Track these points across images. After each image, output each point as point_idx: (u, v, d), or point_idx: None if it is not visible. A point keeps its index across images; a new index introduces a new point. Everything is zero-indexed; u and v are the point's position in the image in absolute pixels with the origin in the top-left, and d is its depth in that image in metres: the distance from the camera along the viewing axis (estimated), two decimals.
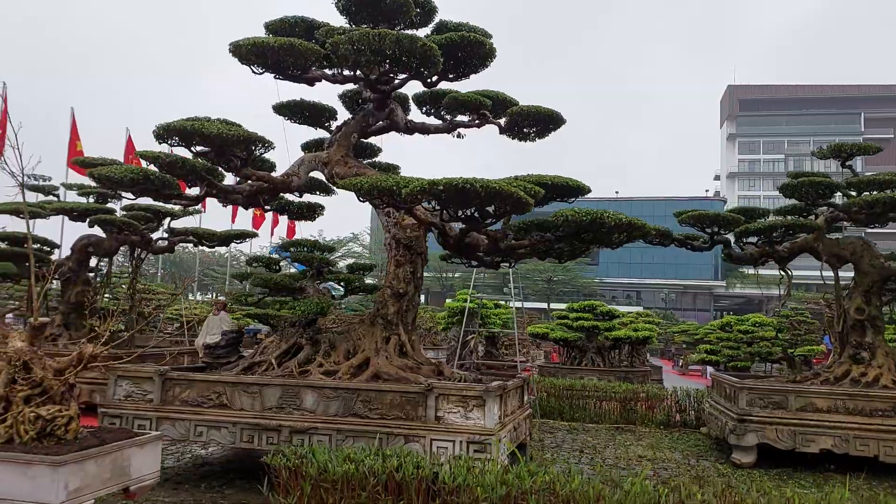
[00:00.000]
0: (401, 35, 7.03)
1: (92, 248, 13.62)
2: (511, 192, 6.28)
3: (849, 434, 9.47)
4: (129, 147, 32.41)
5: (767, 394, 9.93)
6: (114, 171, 8.36)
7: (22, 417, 4.49)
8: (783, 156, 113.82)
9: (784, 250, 11.04)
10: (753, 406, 9.91)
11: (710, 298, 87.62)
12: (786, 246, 11.10)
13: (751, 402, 9.94)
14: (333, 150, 8.91)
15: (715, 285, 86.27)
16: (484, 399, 6.82)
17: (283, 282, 8.52)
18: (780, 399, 9.88)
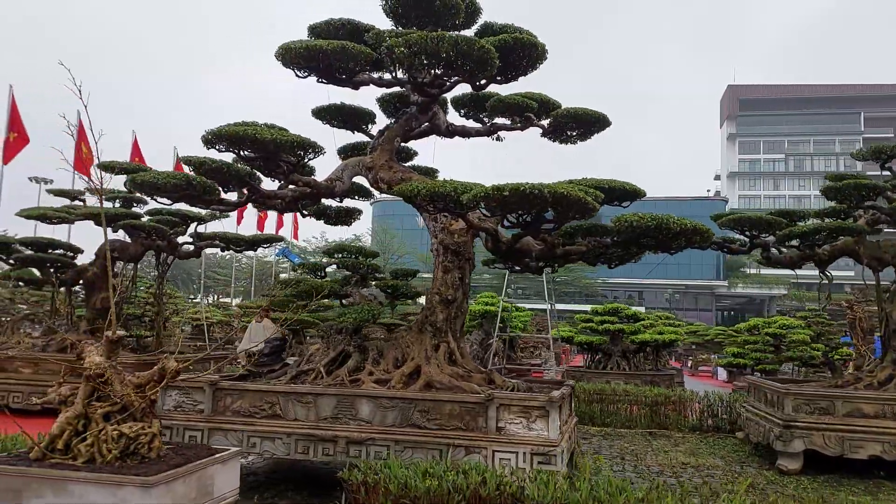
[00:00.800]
0: (459, 37, 6.89)
1: (117, 253, 13.47)
2: (579, 197, 6.14)
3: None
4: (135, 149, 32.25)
5: (813, 399, 9.81)
6: (157, 177, 8.20)
7: (104, 436, 4.34)
8: (783, 155, 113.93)
9: (824, 253, 10.92)
10: (799, 412, 9.79)
11: (712, 298, 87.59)
12: (826, 249, 10.97)
13: (797, 407, 9.81)
14: (377, 155, 8.77)
15: (717, 285, 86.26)
16: (547, 409, 6.69)
17: (333, 288, 8.37)
18: (826, 405, 9.75)
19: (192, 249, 13.47)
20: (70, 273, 13.41)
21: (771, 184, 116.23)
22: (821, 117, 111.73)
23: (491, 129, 9.52)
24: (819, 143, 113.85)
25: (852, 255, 10.90)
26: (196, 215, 13.00)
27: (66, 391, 4.60)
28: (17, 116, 31.78)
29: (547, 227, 7.18)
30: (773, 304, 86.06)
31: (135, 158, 31.37)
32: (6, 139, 31.61)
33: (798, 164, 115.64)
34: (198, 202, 8.94)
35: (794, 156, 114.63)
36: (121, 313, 13.45)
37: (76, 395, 4.58)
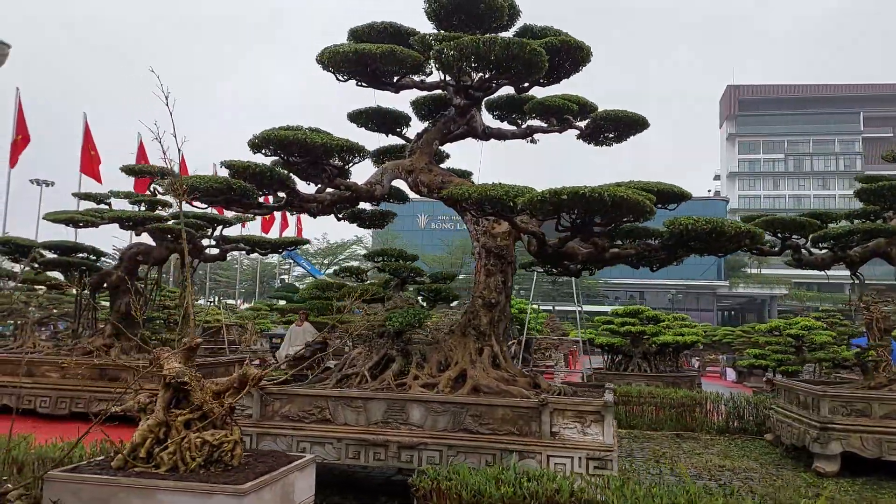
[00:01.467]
0: (511, 40, 6.87)
1: (141, 256, 13.43)
2: (637, 200, 6.13)
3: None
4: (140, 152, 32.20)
5: (850, 401, 9.80)
6: (199, 181, 8.17)
7: (188, 443, 4.31)
8: (783, 155, 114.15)
9: (856, 255, 10.92)
10: (836, 414, 9.78)
11: (713, 298, 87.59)
12: (857, 251, 10.97)
13: (833, 409, 9.80)
14: (416, 158, 8.74)
15: (718, 285, 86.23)
16: (603, 414, 6.67)
17: (377, 292, 8.34)
18: (863, 406, 9.75)
19: (217, 253, 13.43)
20: (94, 277, 13.36)
21: (771, 184, 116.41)
22: (820, 117, 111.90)
23: (527, 131, 9.50)
24: (818, 143, 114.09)
25: (884, 256, 10.91)
26: (222, 219, 12.97)
27: (145, 399, 4.57)
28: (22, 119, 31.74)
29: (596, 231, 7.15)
30: (774, 304, 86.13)
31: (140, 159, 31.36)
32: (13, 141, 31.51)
33: (797, 163, 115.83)
34: (236, 206, 8.92)
35: (794, 156, 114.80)
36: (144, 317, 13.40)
37: (154, 402, 4.55)
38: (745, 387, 26.05)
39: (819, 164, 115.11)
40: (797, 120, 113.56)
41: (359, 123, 9.62)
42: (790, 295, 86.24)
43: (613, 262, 7.73)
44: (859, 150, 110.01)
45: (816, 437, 9.77)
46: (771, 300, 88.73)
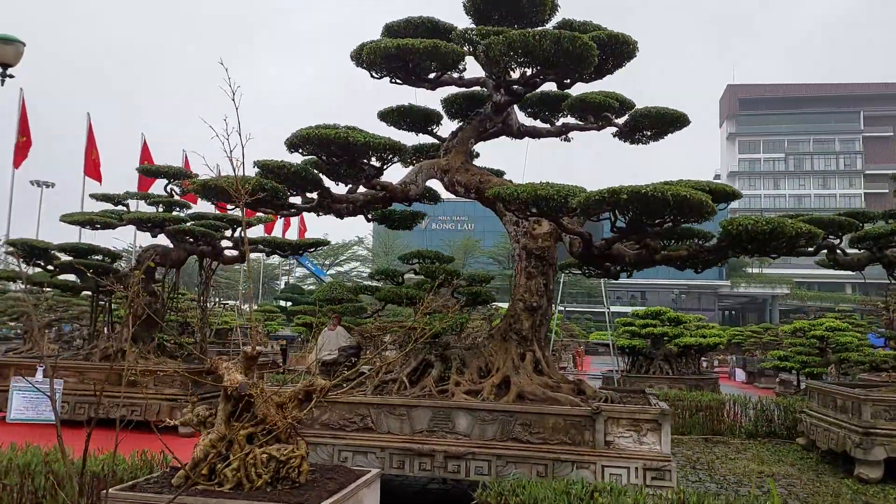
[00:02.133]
0: (562, 34, 6.62)
1: (159, 258, 13.16)
2: (702, 200, 5.89)
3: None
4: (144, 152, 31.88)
5: (893, 405, 9.57)
6: (228, 182, 7.91)
7: (253, 459, 4.05)
8: (783, 155, 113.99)
9: (893, 255, 10.68)
10: (878, 419, 9.55)
11: (714, 298, 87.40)
12: (894, 251, 10.73)
13: (875, 414, 9.57)
14: (452, 157, 8.50)
15: (720, 285, 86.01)
16: (660, 422, 6.42)
17: (415, 295, 8.08)
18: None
19: (237, 255, 13.16)
20: (110, 279, 13.07)
21: (771, 183, 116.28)
22: (820, 116, 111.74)
23: (562, 129, 9.26)
24: (819, 143, 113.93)
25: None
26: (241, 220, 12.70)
27: (204, 411, 4.31)
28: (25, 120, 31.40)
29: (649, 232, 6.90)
30: (775, 303, 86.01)
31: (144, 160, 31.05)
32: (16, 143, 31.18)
33: (798, 163, 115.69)
34: (266, 207, 8.67)
35: (794, 155, 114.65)
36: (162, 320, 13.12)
37: (214, 415, 4.29)
38: (757, 388, 25.86)
39: (819, 164, 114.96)
40: (797, 119, 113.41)
41: (388, 122, 9.37)
42: (791, 294, 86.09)
43: (662, 263, 7.49)
44: (860, 150, 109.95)
45: (859, 442, 9.53)
46: (772, 300, 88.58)
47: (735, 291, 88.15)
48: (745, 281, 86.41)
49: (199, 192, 8.62)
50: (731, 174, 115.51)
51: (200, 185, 8.32)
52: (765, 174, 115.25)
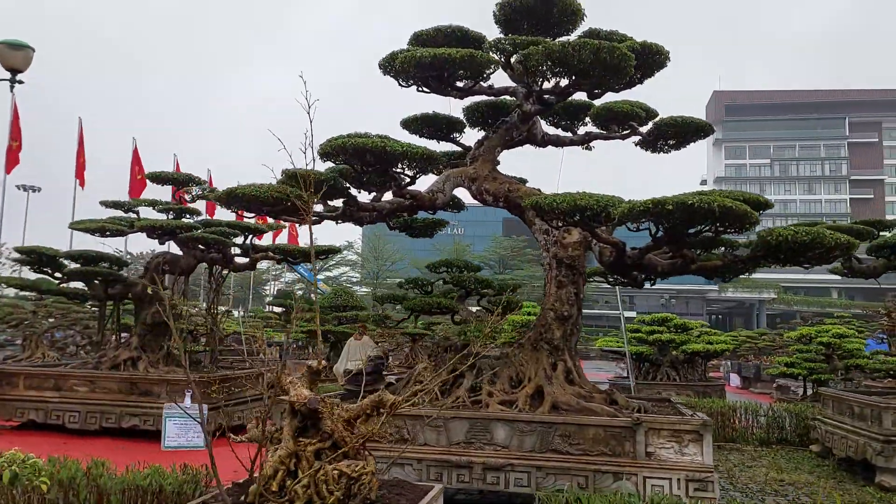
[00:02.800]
0: (601, 44, 6.61)
1: (168, 266, 13.03)
2: (746, 211, 5.90)
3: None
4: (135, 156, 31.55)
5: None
6: (258, 191, 7.85)
7: (324, 476, 3.98)
8: (769, 161, 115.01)
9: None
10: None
11: (702, 303, 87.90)
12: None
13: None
14: (479, 165, 8.47)
15: (708, 289, 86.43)
16: (701, 433, 6.41)
17: (446, 304, 8.03)
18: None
19: (247, 262, 13.05)
20: (119, 287, 12.93)
21: (757, 189, 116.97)
22: (806, 122, 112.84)
23: (585, 137, 9.26)
24: (804, 149, 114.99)
25: None
26: (253, 227, 12.61)
27: (271, 427, 4.24)
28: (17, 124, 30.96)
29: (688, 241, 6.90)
30: (763, 307, 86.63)
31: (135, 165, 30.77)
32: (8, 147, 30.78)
33: (783, 169, 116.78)
34: (291, 215, 8.60)
35: (780, 161, 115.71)
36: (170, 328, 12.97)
37: (281, 431, 4.22)
38: (752, 393, 25.99)
39: (805, 170, 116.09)
40: (783, 125, 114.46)
41: (411, 130, 9.33)
42: (778, 299, 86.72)
43: (696, 273, 7.48)
44: (845, 156, 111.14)
45: (881, 450, 9.57)
46: (760, 304, 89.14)
47: (723, 296, 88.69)
48: (733, 285, 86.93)
49: (223, 201, 8.54)
50: (717, 179, 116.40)
51: (226, 194, 8.24)
52: (751, 180, 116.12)
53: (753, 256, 7.09)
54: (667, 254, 7.71)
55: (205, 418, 3.76)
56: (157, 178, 13.06)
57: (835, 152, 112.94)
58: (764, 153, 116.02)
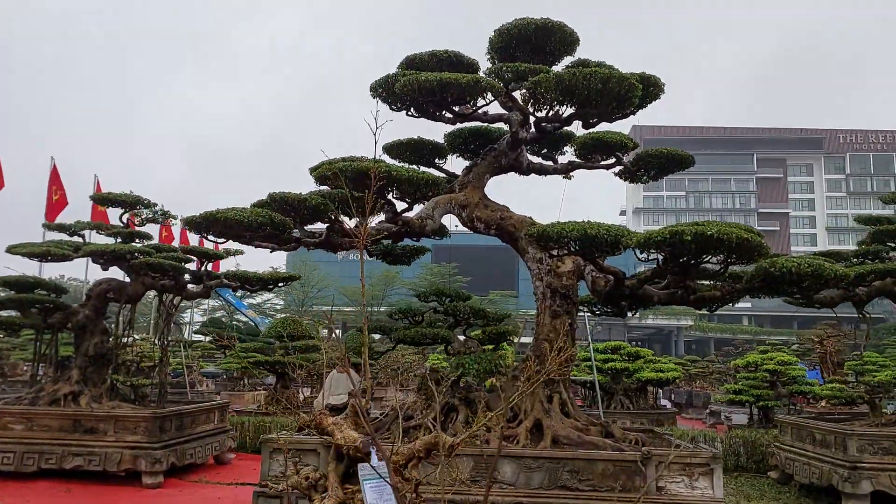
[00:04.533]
0: (612, 74, 6.59)
1: (113, 293, 12.20)
2: (761, 243, 5.93)
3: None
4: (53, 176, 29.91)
5: (877, 439, 9.92)
6: (241, 215, 7.43)
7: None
8: (684, 193, 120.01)
9: (863, 294, 11.18)
10: (864, 452, 9.87)
11: (624, 329, 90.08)
12: (863, 289, 11.24)
13: (861, 448, 9.89)
14: (469, 192, 8.30)
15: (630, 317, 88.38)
16: (711, 466, 6.34)
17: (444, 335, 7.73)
18: (889, 444, 9.88)
19: (201, 289, 12.36)
20: (58, 316, 12.01)
21: (673, 219, 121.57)
22: (718, 157, 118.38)
23: (568, 166, 9.25)
24: (716, 182, 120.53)
25: (889, 295, 11.22)
26: (212, 253, 11.99)
27: (314, 473, 3.87)
28: None
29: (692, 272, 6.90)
30: (681, 334, 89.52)
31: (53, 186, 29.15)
32: None
33: (698, 201, 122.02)
34: (270, 242, 8.19)
35: (695, 193, 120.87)
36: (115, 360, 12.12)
37: (325, 477, 3.86)
38: (684, 419, 26.59)
39: (717, 202, 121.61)
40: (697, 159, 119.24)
41: (393, 155, 9.09)
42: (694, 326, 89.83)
43: (692, 304, 7.50)
44: (753, 189, 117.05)
45: (847, 476, 9.81)
46: (678, 331, 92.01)
47: (643, 323, 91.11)
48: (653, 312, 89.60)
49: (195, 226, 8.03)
50: (636, 210, 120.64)
51: (203, 218, 7.75)
52: (667, 211, 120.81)
53: (751, 287, 7.15)
54: (660, 284, 7.70)
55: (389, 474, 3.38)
56: (104, 200, 12.28)
57: (744, 186, 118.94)
58: (679, 186, 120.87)
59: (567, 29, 7.66)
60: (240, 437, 13.95)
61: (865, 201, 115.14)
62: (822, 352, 19.63)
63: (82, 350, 11.98)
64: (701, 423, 24.69)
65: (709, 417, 25.08)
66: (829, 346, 19.41)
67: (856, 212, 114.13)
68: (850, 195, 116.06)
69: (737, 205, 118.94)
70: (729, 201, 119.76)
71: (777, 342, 26.35)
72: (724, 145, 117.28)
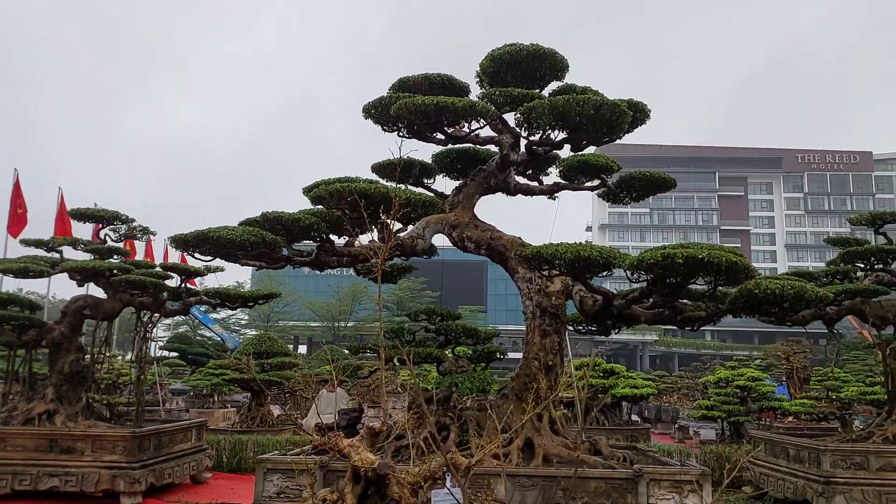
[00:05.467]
0: (604, 101, 6.78)
1: (89, 310, 12.02)
2: (748, 265, 6.14)
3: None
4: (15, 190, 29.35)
5: (849, 455, 10.22)
6: (234, 233, 7.44)
7: None
8: (649, 210, 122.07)
9: (833, 312, 11.53)
10: (837, 468, 10.15)
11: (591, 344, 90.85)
12: (834, 309, 11.60)
13: (834, 463, 10.17)
14: (459, 213, 8.41)
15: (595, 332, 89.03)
16: (701, 483, 6.50)
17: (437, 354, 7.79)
18: (860, 460, 10.17)
19: (180, 307, 12.24)
20: (33, 333, 11.79)
21: (638, 236, 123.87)
22: (681, 175, 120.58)
23: (554, 188, 9.42)
24: (679, 199, 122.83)
25: (859, 314, 11.59)
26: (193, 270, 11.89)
27: (331, 495, 3.91)
28: None
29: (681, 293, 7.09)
30: (646, 349, 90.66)
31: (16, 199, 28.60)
32: None
33: (662, 217, 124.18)
34: (263, 259, 8.20)
35: (658, 210, 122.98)
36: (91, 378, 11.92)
37: (342, 499, 3.90)
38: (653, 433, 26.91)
39: (681, 219, 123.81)
40: None
41: (381, 174, 9.18)
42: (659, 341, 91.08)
43: (677, 324, 7.69)
44: (716, 207, 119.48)
45: (821, 491, 10.07)
46: (643, 346, 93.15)
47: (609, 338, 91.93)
48: None
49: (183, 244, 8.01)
50: (601, 226, 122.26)
51: (194, 236, 7.74)
52: (632, 227, 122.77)
53: (734, 307, 7.36)
54: (646, 304, 7.88)
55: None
56: (80, 215, 12.12)
57: (707, 204, 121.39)
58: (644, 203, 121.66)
59: (558, 56, 7.87)
60: (215, 455, 13.78)
61: (823, 219, 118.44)
62: (789, 367, 20.10)
63: (57, 368, 11.77)
64: (670, 438, 25.05)
65: (677, 432, 25.45)
66: (796, 362, 19.89)
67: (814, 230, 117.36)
68: (808, 213, 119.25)
69: (699, 222, 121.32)
70: (692, 218, 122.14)
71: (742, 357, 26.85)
72: (687, 163, 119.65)
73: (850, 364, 28.42)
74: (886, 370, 11.69)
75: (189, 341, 37.28)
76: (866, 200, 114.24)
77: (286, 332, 68.62)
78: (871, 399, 15.16)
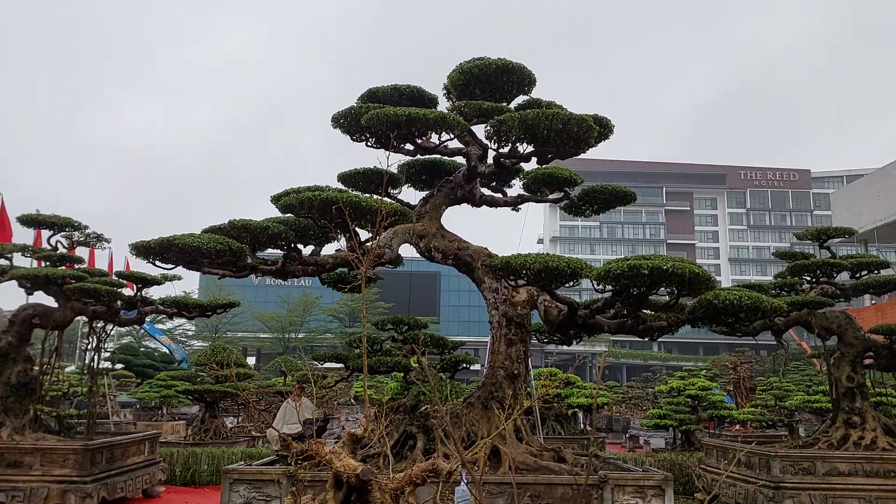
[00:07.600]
0: (572, 116, 6.95)
1: (38, 319, 11.67)
2: (708, 276, 6.37)
3: (871, 495, 10.31)
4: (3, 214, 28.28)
5: (797, 460, 10.59)
6: (200, 241, 7.36)
7: None
8: (598, 223, 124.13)
9: (781, 323, 11.97)
10: (786, 473, 10.51)
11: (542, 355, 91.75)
12: (782, 319, 12.04)
13: (783, 469, 10.53)
14: (427, 223, 8.49)
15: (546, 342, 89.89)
16: (663, 488, 6.68)
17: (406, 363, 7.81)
18: (808, 465, 10.56)
19: (135, 316, 11.97)
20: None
21: (588, 248, 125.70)
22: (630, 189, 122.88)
23: (518, 199, 9.58)
24: (628, 213, 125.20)
25: (805, 325, 12.05)
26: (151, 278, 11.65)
27: (312, 502, 3.92)
28: None
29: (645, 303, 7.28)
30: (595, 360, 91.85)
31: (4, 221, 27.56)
32: None
33: (611, 231, 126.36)
34: (227, 268, 8.12)
35: (608, 223, 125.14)
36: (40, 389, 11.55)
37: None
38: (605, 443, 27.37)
39: (629, 232, 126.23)
40: None
41: (347, 184, 9.17)
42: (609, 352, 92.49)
43: (639, 333, 7.88)
44: (663, 221, 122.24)
45: (771, 496, 10.41)
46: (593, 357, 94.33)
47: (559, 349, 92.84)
48: None
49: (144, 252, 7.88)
50: (553, 239, 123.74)
51: (158, 244, 7.62)
52: (582, 240, 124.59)
53: (693, 317, 7.60)
54: (609, 314, 8.07)
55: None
56: (29, 220, 11.79)
57: (654, 218, 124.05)
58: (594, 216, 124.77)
59: (526, 70, 8.05)
60: (168, 468, 13.48)
61: (764, 234, 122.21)
62: (736, 377, 20.70)
63: (4, 379, 11.39)
64: (620, 447, 25.48)
65: (628, 441, 25.88)
66: (742, 372, 20.50)
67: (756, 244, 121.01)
68: (750, 228, 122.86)
69: (647, 235, 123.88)
70: (640, 232, 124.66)
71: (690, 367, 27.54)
72: (636, 178, 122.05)
73: (790, 374, 29.41)
74: (830, 379, 12.16)
75: (135, 352, 36.33)
76: (805, 216, 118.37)
77: (234, 343, 67.40)
78: (815, 407, 15.77)
